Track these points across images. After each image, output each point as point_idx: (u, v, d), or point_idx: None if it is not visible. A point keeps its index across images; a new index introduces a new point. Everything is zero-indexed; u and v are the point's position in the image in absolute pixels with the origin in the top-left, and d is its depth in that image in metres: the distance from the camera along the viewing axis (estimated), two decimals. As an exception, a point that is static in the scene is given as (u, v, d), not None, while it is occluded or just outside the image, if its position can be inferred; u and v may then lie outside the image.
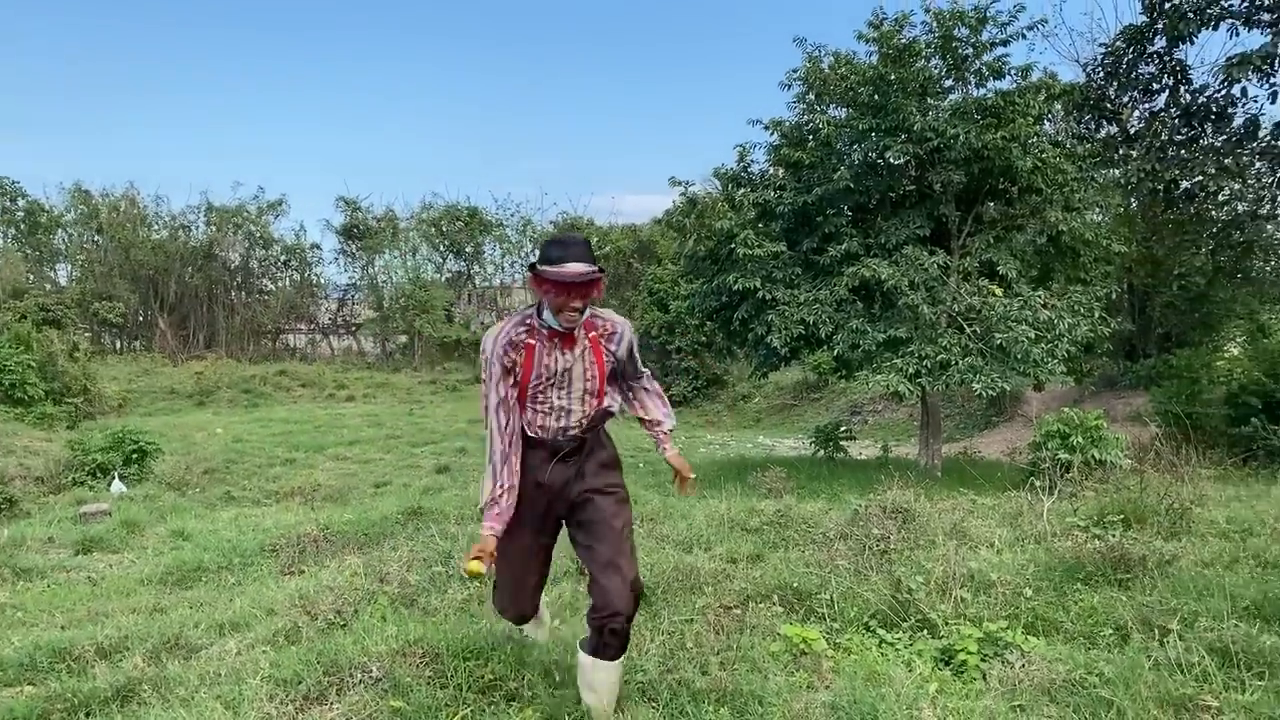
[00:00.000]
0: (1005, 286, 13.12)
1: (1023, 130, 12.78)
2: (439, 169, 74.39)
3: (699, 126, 71.05)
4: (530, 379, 3.39)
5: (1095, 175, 14.21)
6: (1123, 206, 16.84)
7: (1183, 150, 13.26)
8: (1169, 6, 12.39)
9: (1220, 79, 12.60)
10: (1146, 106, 14.31)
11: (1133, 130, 14.52)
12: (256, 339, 36.18)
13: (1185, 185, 13.34)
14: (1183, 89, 13.45)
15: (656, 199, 59.43)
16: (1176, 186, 13.37)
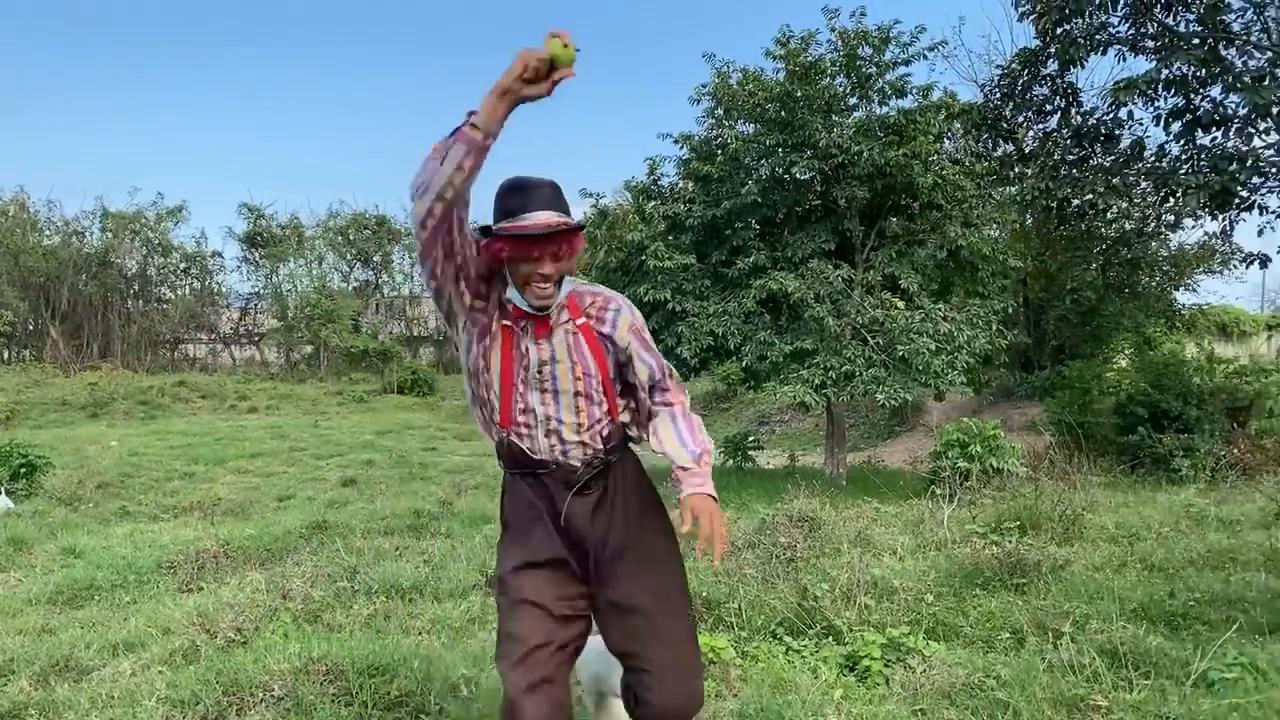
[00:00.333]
0: (907, 300, 13.46)
1: (924, 148, 13.16)
2: (347, 176, 73.19)
3: (611, 137, 71.29)
4: (509, 377, 2.56)
5: (992, 192, 14.70)
6: (1018, 223, 17.41)
7: (1074, 170, 13.74)
8: (1061, 32, 12.86)
9: (1108, 102, 13.13)
10: (1040, 127, 14.81)
11: (1027, 149, 15.02)
12: (154, 349, 35.00)
13: (1076, 203, 13.82)
14: (1074, 111, 13.96)
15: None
16: (1068, 204, 13.85)
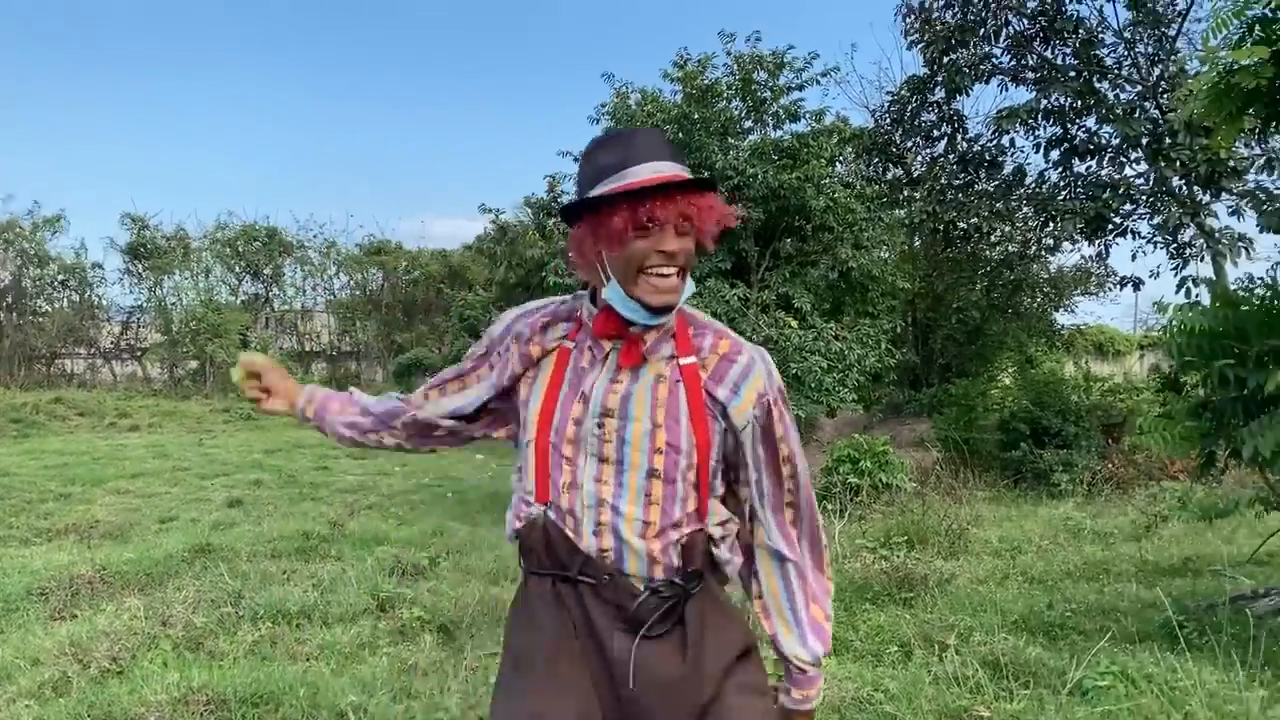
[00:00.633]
0: (800, 319, 13.73)
1: (816, 171, 13.46)
2: (238, 187, 71.06)
3: (513, 152, 70.89)
4: (549, 415, 1.71)
5: (882, 215, 15.11)
6: (907, 245, 17.95)
7: (960, 194, 14.22)
8: (947, 61, 13.33)
9: (992, 130, 13.67)
10: (928, 152, 15.31)
11: (916, 174, 15.51)
12: (29, 364, 33.31)
13: (962, 226, 14.29)
14: (960, 137, 14.46)
15: (469, 223, 58.65)
16: (954, 227, 14.30)
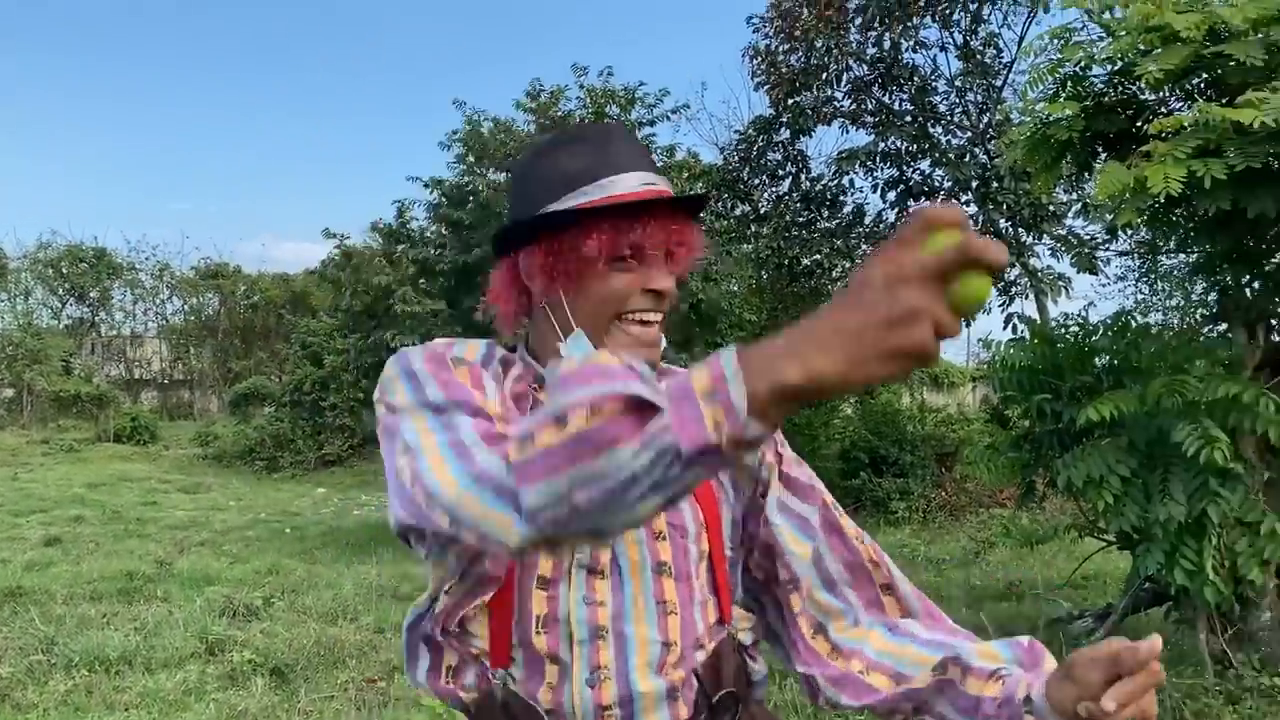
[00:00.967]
0: (652, 350, 13.87)
1: (660, 206, 13.69)
2: (61, 205, 67.14)
3: (362, 176, 69.45)
4: None
5: (731, 250, 15.50)
6: (754, 279, 18.40)
7: (803, 231, 14.69)
8: (791, 103, 13.79)
9: (833, 170, 14.21)
10: (774, 190, 15.76)
11: (762, 210, 15.94)
12: None
13: (806, 262, 14.75)
14: (803, 177, 14.95)
15: (313, 247, 56.93)
16: (799, 263, 14.75)
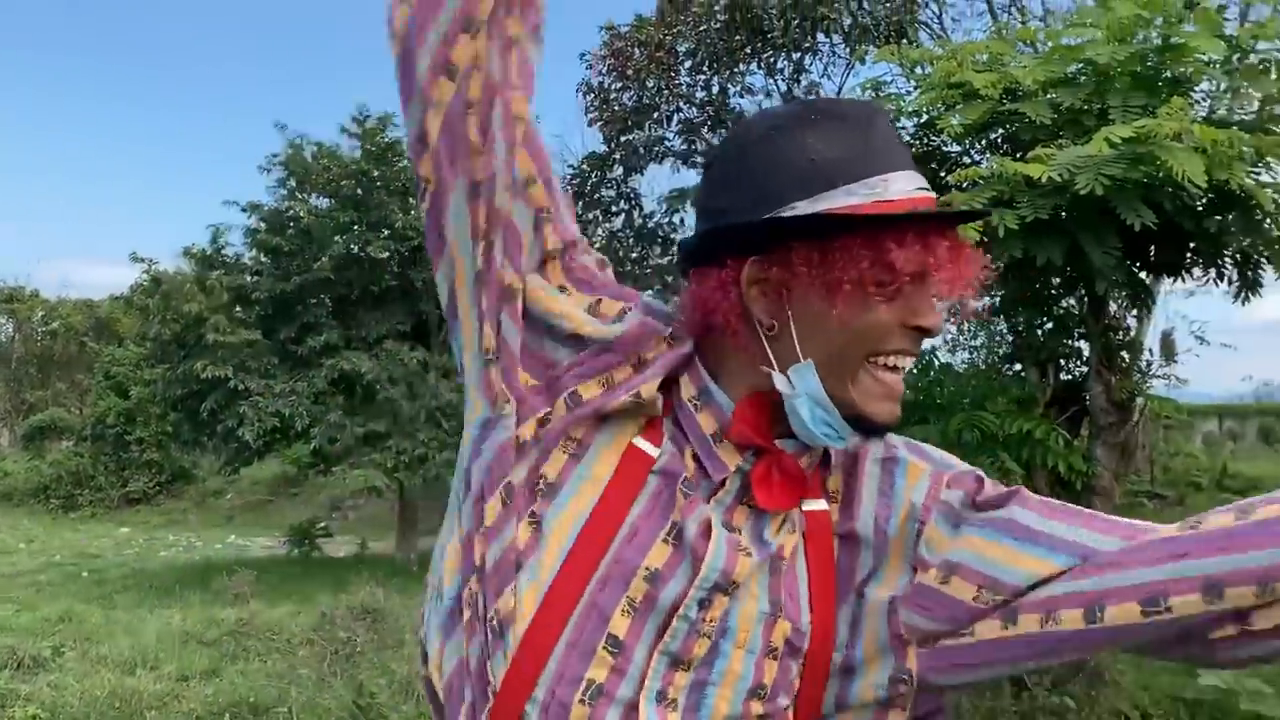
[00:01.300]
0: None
1: (499, 237, 13.62)
2: None
3: (172, 198, 66.27)
4: (573, 586, 0.84)
5: (565, 284, 15.50)
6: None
7: (636, 267, 14.88)
8: (624, 141, 13.99)
9: (665, 208, 14.48)
10: (607, 226, 15.92)
11: (596, 246, 16.07)
12: None
13: (637, 298, 14.96)
14: (636, 213, 15.18)
15: (121, 271, 54.04)
16: (630, 299, 14.96)
